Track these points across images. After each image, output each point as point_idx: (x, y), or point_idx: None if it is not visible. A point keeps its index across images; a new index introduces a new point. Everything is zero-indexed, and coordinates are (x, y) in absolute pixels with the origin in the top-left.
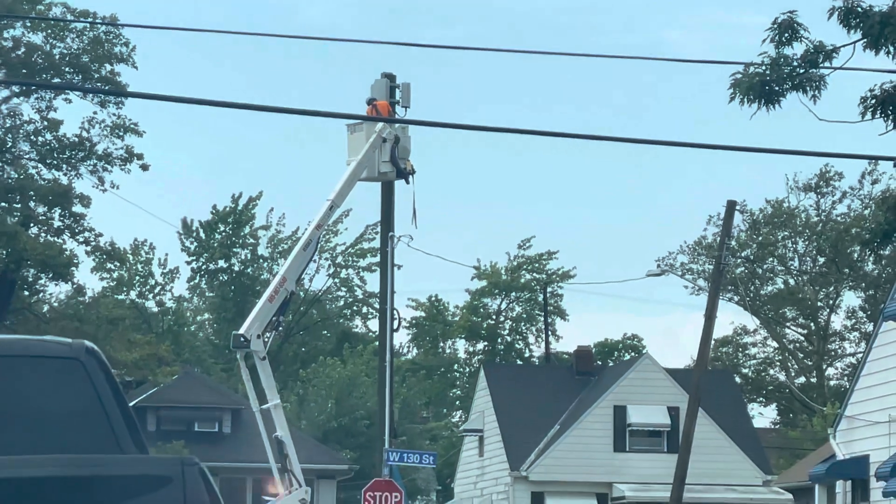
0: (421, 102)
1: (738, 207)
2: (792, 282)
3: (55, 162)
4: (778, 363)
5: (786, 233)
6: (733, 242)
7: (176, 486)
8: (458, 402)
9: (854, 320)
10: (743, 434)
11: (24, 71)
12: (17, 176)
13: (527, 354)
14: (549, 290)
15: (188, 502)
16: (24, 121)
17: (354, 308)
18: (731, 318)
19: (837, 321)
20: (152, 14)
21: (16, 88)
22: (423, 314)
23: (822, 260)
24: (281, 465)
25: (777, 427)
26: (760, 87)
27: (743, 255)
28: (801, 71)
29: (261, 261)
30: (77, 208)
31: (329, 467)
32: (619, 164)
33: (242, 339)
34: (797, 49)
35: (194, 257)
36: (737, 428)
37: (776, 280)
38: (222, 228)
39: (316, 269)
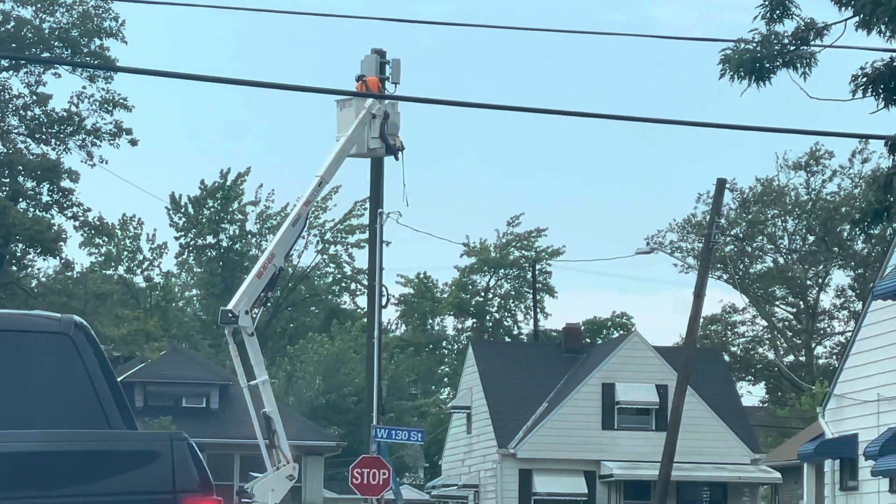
0: (411, 79)
1: (727, 185)
2: (781, 260)
3: (44, 136)
4: (767, 341)
5: (775, 211)
6: (723, 220)
7: (164, 461)
8: (446, 379)
9: (843, 299)
10: (731, 412)
11: (13, 45)
12: (5, 150)
13: (515, 332)
14: (537, 267)
15: (177, 477)
16: (12, 95)
17: (343, 284)
18: (721, 296)
19: (826, 300)
20: None
21: (5, 62)
22: (411, 291)
23: (811, 238)
24: (269, 442)
25: (765, 405)
26: (751, 64)
27: (732, 233)
28: (792, 48)
29: (249, 236)
30: (66, 183)
31: (317, 444)
32: (609, 142)
33: (230, 314)
34: (788, 26)
35: (182, 233)
36: (725, 406)
37: (765, 258)
38: (211, 204)
39: (304, 246)
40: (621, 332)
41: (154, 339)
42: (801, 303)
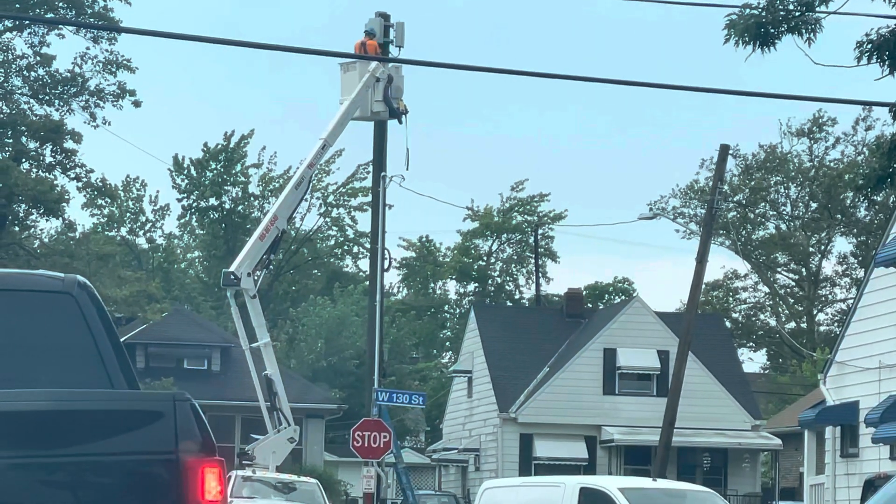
0: (415, 42)
1: (731, 152)
2: (784, 227)
3: (47, 97)
4: (768, 308)
5: (778, 178)
6: (726, 187)
7: (167, 422)
8: (447, 343)
9: (845, 266)
10: (732, 379)
11: (17, 5)
12: (9, 111)
13: (517, 296)
14: (540, 231)
15: (179, 438)
16: (16, 55)
17: (345, 247)
18: (723, 262)
19: (829, 267)
20: None
21: (9, 23)
22: (413, 254)
23: (814, 205)
24: (270, 404)
25: (766, 372)
26: (756, 29)
27: (735, 199)
28: (798, 14)
29: (252, 199)
30: (69, 144)
31: (318, 406)
32: (613, 107)
33: (233, 276)
34: None
35: (185, 195)
36: (726, 372)
37: (768, 225)
38: (214, 166)
39: (307, 208)
40: (623, 297)
41: (156, 300)
42: (803, 269)
